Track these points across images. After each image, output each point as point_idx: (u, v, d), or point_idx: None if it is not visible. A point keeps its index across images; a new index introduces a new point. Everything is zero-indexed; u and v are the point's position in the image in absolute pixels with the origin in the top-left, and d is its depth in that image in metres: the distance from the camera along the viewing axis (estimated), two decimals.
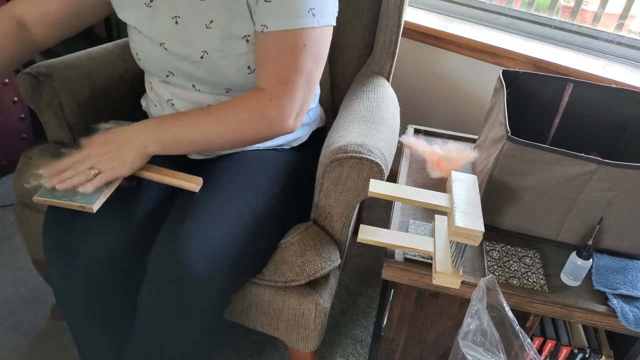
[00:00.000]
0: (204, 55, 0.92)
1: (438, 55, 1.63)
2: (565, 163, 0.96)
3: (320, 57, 0.91)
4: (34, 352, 1.25)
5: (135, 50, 0.99)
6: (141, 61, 1.00)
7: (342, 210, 0.98)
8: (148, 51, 0.96)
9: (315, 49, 0.88)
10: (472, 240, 0.83)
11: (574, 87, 1.17)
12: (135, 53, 1.00)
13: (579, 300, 0.93)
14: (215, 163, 1.03)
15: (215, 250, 0.84)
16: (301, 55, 0.87)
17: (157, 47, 0.94)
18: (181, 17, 0.91)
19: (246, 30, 0.90)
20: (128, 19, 0.96)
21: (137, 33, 0.96)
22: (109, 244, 0.89)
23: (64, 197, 0.85)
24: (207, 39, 0.91)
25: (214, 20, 0.90)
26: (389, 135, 1.04)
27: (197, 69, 0.94)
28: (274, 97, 0.87)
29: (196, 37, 0.91)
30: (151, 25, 0.94)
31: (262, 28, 0.86)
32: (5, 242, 1.54)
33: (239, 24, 0.90)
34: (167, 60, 0.95)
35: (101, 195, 0.86)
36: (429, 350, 1.11)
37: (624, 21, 1.47)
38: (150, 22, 0.94)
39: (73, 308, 0.93)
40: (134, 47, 0.99)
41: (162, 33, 0.93)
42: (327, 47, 0.93)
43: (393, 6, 1.23)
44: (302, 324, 1.02)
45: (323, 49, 0.91)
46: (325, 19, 0.88)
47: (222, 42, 0.91)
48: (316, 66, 0.90)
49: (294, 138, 1.13)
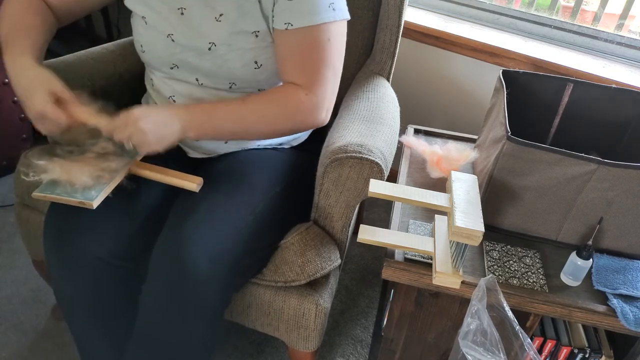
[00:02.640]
0: (212, 47, 0.92)
1: (438, 55, 1.63)
2: (565, 163, 0.96)
3: (342, 50, 0.95)
4: (34, 352, 1.25)
5: (140, 42, 0.99)
6: (145, 53, 0.99)
7: (342, 210, 0.98)
8: (154, 42, 0.97)
9: (338, 42, 0.93)
10: (472, 240, 0.83)
11: (574, 87, 1.17)
12: (139, 45, 1.00)
13: (579, 300, 0.93)
14: (215, 162, 1.03)
15: (216, 250, 0.84)
16: (327, 49, 0.91)
17: (164, 37, 0.95)
18: (187, 8, 0.92)
19: (255, 27, 0.91)
20: (136, 8, 0.96)
21: (143, 24, 0.96)
22: (109, 244, 0.89)
23: (63, 193, 0.85)
24: (216, 32, 0.92)
25: (223, 14, 0.91)
26: (389, 135, 1.04)
27: (204, 62, 0.94)
28: (308, 91, 0.91)
29: (205, 28, 0.92)
30: (158, 16, 0.94)
31: (287, 26, 0.88)
32: (5, 242, 1.54)
33: (249, 21, 0.91)
34: (173, 52, 0.95)
35: (101, 192, 0.86)
36: (429, 350, 1.11)
37: (624, 21, 1.47)
38: (157, 13, 0.94)
39: (73, 308, 0.93)
40: (138, 39, 0.99)
41: (169, 24, 0.94)
42: (345, 40, 0.96)
43: (393, 6, 1.23)
44: (303, 324, 1.02)
45: (343, 41, 0.95)
46: (343, 12, 0.93)
47: (231, 36, 0.92)
48: (340, 59, 0.95)
49: (294, 137, 1.13)
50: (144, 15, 0.96)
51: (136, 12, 0.97)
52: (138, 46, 1.00)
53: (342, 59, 0.96)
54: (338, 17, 0.91)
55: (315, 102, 0.92)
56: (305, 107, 0.92)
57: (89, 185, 0.86)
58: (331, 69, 0.92)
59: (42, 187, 0.87)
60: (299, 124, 0.94)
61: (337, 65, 0.94)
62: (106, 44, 1.25)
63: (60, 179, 0.86)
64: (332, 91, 0.94)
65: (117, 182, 0.89)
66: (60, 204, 0.87)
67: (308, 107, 0.92)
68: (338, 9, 0.91)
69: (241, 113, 0.91)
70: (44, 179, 0.86)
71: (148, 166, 0.92)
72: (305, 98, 0.91)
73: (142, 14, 0.96)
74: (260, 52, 0.94)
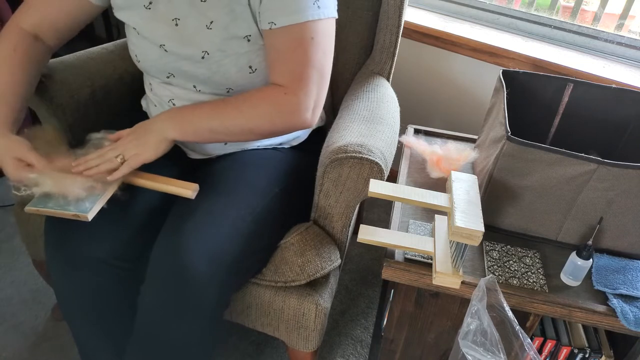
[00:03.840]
0: (205, 55, 0.92)
1: (438, 55, 1.63)
2: (565, 163, 0.96)
3: (329, 49, 0.92)
4: (34, 353, 1.25)
5: (134, 53, 0.99)
6: (140, 63, 1.00)
7: (342, 210, 0.98)
8: (147, 53, 0.96)
9: (323, 41, 0.90)
10: (472, 240, 0.83)
11: (574, 87, 1.17)
12: (134, 55, 1.00)
13: (579, 300, 0.93)
14: (214, 163, 1.03)
15: (216, 250, 0.84)
16: (311, 48, 0.88)
17: (157, 48, 0.94)
18: (181, 18, 0.91)
19: (247, 31, 0.90)
20: (127, 20, 0.96)
21: (136, 35, 0.96)
22: (109, 245, 0.89)
23: (56, 206, 0.84)
24: (208, 39, 0.91)
25: (214, 21, 0.90)
26: (389, 135, 1.04)
27: (199, 69, 0.94)
28: (289, 91, 0.89)
29: (197, 37, 0.91)
30: (150, 27, 0.94)
31: (270, 25, 0.87)
32: (5, 243, 1.54)
33: (240, 25, 0.90)
34: (167, 62, 0.95)
35: (95, 203, 0.85)
36: (429, 350, 1.11)
37: (624, 21, 1.47)
38: (149, 24, 0.94)
39: (73, 308, 0.93)
40: (132, 49, 0.99)
41: (162, 35, 0.93)
42: (333, 40, 0.94)
43: (393, 6, 1.23)
44: (303, 324, 1.02)
45: (330, 41, 0.93)
46: (329, 10, 0.90)
47: (224, 42, 0.91)
48: (326, 59, 0.92)
49: (294, 137, 1.13)
50: (135, 26, 0.95)
51: (128, 24, 0.97)
52: (133, 55, 1.00)
53: (329, 59, 0.93)
54: (323, 15, 0.88)
55: (296, 103, 0.89)
56: (285, 107, 0.90)
57: (82, 197, 0.85)
58: (315, 69, 0.89)
59: (35, 201, 0.86)
60: (281, 124, 0.92)
61: (322, 64, 0.91)
62: (106, 44, 1.25)
63: (53, 192, 0.85)
64: (317, 92, 0.92)
65: (111, 192, 0.88)
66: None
67: (288, 108, 0.90)
68: (324, 6, 0.88)
69: (220, 111, 0.90)
70: (36, 193, 0.85)
71: (142, 175, 0.91)
72: (285, 98, 0.89)
73: (134, 25, 0.95)
74: (253, 56, 0.93)
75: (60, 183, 0.85)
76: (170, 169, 1.00)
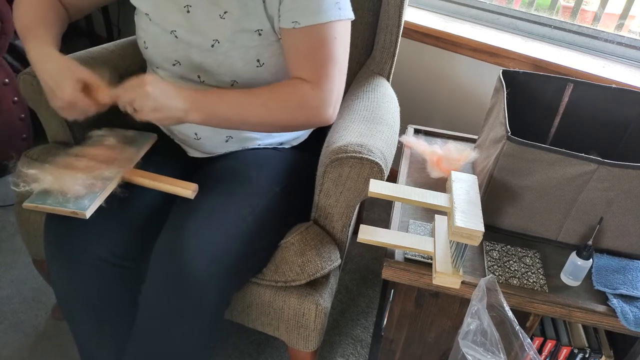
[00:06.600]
0: (215, 44, 0.93)
1: (438, 55, 1.63)
2: (565, 163, 0.96)
3: (347, 48, 0.97)
4: (34, 352, 1.26)
5: (143, 39, 1.00)
6: (148, 50, 1.00)
7: (342, 210, 0.98)
8: (157, 39, 0.97)
9: (344, 40, 0.95)
10: (472, 240, 0.83)
11: (574, 87, 1.17)
12: (142, 42, 1.00)
13: (579, 300, 0.93)
14: (215, 162, 1.03)
15: (216, 249, 0.84)
16: (334, 47, 0.92)
17: (168, 34, 0.95)
18: (192, 6, 0.93)
19: (259, 25, 0.92)
20: (140, 5, 0.97)
21: (147, 21, 0.97)
22: (110, 243, 0.89)
23: (55, 202, 0.84)
24: (219, 29, 0.92)
25: (228, 12, 0.91)
26: (389, 135, 1.04)
27: (207, 59, 0.95)
28: (315, 87, 0.92)
29: (208, 26, 0.92)
30: (163, 13, 0.95)
31: (294, 25, 0.89)
32: (6, 242, 1.54)
33: (252, 19, 0.91)
34: (176, 49, 0.96)
35: (94, 201, 0.85)
36: (429, 350, 1.11)
37: (624, 21, 1.47)
38: (162, 10, 0.95)
39: (74, 307, 0.93)
40: (141, 35, 1.00)
41: (173, 21, 0.94)
42: (349, 39, 0.98)
43: (393, 6, 1.23)
44: (303, 323, 1.02)
45: (348, 40, 0.97)
46: (348, 11, 0.94)
47: (234, 34, 0.92)
48: (345, 57, 0.96)
49: (294, 137, 1.13)
50: (148, 12, 0.96)
51: (140, 9, 0.98)
52: (141, 42, 1.01)
53: (347, 57, 0.97)
54: (343, 16, 0.93)
55: (321, 98, 0.92)
56: (312, 101, 0.92)
57: (81, 194, 0.84)
58: (337, 66, 0.93)
59: (33, 197, 0.85)
60: (305, 118, 0.94)
61: (342, 62, 0.95)
62: (106, 44, 1.25)
63: (52, 189, 0.85)
64: (338, 88, 0.95)
65: (110, 190, 0.88)
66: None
67: (315, 102, 0.92)
68: (344, 8, 0.93)
69: (244, 101, 0.91)
70: (34, 189, 0.85)
71: (141, 173, 0.91)
72: (312, 92, 0.92)
73: (146, 10, 0.97)
74: (263, 50, 0.94)
75: (60, 180, 0.85)
76: (170, 167, 1.00)
